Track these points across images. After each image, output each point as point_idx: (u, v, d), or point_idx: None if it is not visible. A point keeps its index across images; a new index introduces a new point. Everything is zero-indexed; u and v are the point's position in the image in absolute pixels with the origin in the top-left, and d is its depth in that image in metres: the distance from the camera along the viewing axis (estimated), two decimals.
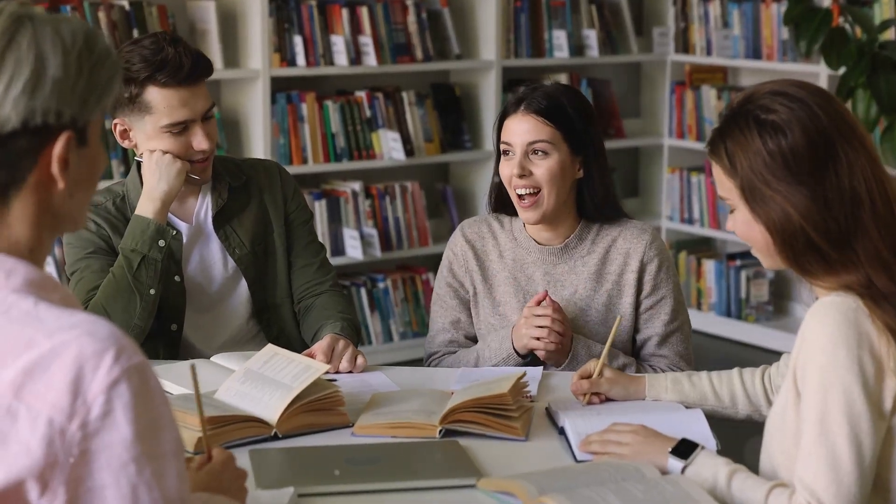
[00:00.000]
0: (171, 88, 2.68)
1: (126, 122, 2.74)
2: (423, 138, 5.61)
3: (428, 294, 5.67)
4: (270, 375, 2.33)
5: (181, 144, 2.72)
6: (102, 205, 2.82)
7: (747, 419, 2.40)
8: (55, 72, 1.36)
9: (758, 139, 1.92)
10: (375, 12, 5.44)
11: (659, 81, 6.38)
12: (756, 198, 1.93)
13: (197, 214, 2.85)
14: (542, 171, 2.66)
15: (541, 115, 2.66)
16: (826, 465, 1.85)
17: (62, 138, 1.38)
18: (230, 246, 2.84)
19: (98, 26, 4.71)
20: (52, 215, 1.41)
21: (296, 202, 2.94)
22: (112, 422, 1.28)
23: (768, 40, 5.91)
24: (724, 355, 5.68)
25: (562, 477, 1.98)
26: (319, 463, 2.12)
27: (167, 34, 2.75)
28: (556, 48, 5.93)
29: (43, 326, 1.31)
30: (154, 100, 2.69)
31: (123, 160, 4.82)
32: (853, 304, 1.88)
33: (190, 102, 2.70)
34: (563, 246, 2.75)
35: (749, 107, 1.96)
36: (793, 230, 1.91)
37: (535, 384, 2.51)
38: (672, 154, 6.33)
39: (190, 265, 2.83)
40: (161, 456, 1.31)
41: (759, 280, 6.03)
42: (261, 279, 2.88)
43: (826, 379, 1.86)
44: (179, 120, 2.70)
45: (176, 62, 2.67)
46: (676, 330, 2.73)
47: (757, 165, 1.92)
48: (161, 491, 1.30)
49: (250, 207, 2.88)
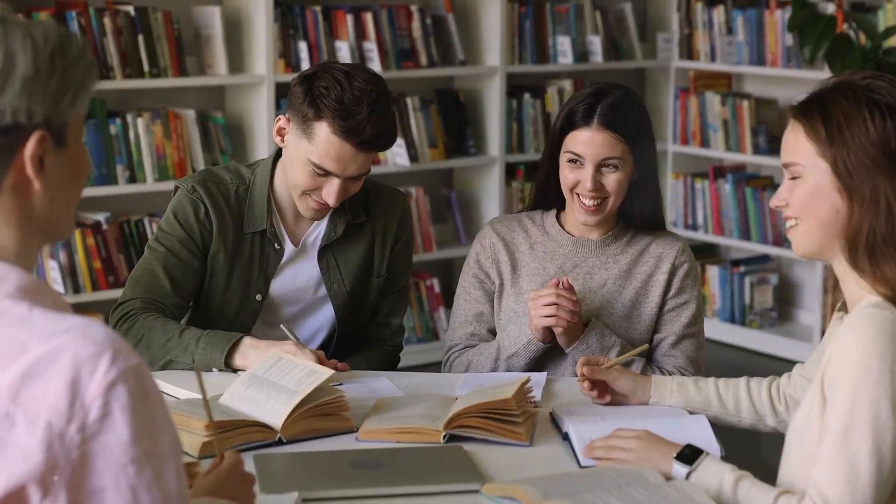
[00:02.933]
0: (340, 139, 2.60)
1: (290, 126, 2.67)
2: (428, 144, 5.62)
3: (432, 300, 5.68)
4: (275, 380, 2.33)
5: (314, 184, 2.65)
6: (226, 186, 2.75)
7: (751, 428, 2.40)
8: (25, 70, 1.35)
9: (867, 113, 1.90)
10: (380, 18, 5.45)
11: (663, 87, 6.38)
12: (852, 169, 1.90)
13: (306, 238, 2.80)
14: (612, 183, 2.70)
15: (613, 131, 2.68)
16: (844, 474, 1.84)
17: (34, 138, 1.37)
18: (329, 280, 2.80)
19: (103, 31, 4.72)
20: (34, 220, 1.40)
21: (403, 254, 2.88)
22: (110, 424, 1.28)
23: (772, 47, 5.91)
24: (728, 361, 5.68)
25: (566, 482, 1.98)
26: (324, 468, 2.12)
27: (377, 90, 2.62)
28: (560, 54, 5.94)
29: (38, 331, 1.31)
30: (319, 134, 2.61)
31: (128, 166, 4.82)
32: (891, 316, 1.87)
33: (346, 161, 2.62)
34: (599, 241, 2.79)
35: (855, 84, 1.94)
36: (877, 208, 1.89)
37: (539, 389, 2.52)
38: (676, 160, 6.33)
39: (277, 282, 2.79)
40: (159, 456, 1.31)
41: (763, 286, 6.03)
42: (350, 317, 2.85)
43: (856, 389, 1.85)
44: (326, 168, 2.62)
45: (361, 125, 2.58)
46: (692, 335, 2.75)
47: (860, 138, 1.90)
48: (161, 491, 1.30)
49: (360, 246, 2.82)
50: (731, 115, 6.06)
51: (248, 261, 2.76)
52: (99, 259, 4.77)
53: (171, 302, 2.72)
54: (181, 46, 4.93)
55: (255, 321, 2.80)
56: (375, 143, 2.63)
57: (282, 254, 2.77)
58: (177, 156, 4.92)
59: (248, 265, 2.76)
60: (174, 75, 4.90)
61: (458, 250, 5.74)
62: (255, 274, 2.76)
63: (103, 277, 4.77)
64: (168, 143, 4.90)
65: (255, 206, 2.75)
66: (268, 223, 2.74)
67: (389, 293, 2.91)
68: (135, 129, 4.83)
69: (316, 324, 2.86)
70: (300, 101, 2.62)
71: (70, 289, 4.70)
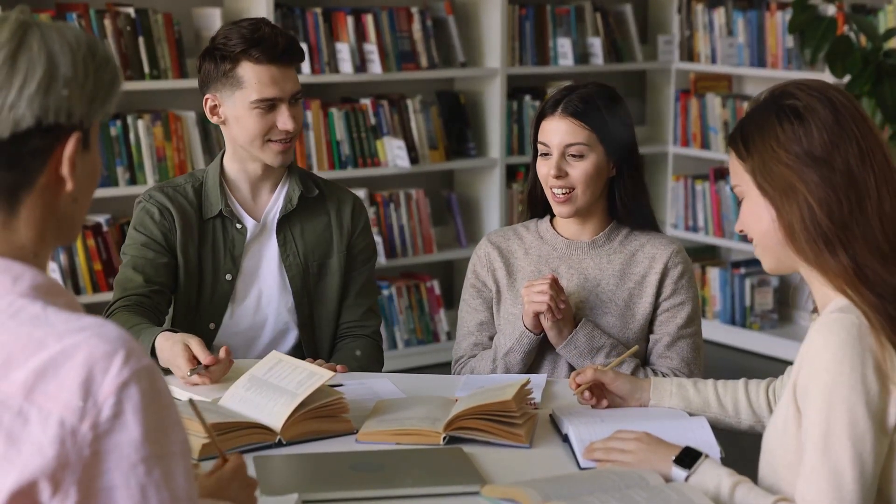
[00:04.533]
0: (264, 65, 2.75)
1: (217, 97, 2.83)
2: (428, 146, 5.62)
3: (433, 302, 5.68)
4: (275, 382, 2.33)
5: (266, 123, 2.79)
6: (182, 186, 2.89)
7: (749, 430, 2.40)
8: (66, 71, 1.38)
9: (775, 120, 1.95)
10: (380, 20, 5.45)
11: (663, 89, 6.39)
12: (765, 176, 1.95)
13: (266, 213, 2.90)
14: (577, 173, 2.71)
15: (577, 118, 2.70)
16: (828, 484, 1.85)
17: (73, 138, 1.40)
18: (285, 252, 2.89)
19: (104, 33, 4.72)
20: (56, 220, 1.42)
21: (364, 240, 2.98)
22: (122, 423, 1.29)
23: (773, 48, 5.91)
24: (729, 363, 5.68)
25: (565, 484, 1.98)
26: (323, 469, 2.12)
27: (266, 20, 2.84)
28: (560, 56, 5.94)
29: (53, 329, 1.32)
30: (246, 75, 2.76)
31: (129, 167, 4.82)
32: (856, 320, 1.88)
33: (280, 82, 2.77)
34: (591, 242, 2.79)
35: (774, 95, 2.00)
36: (798, 206, 1.92)
37: (539, 391, 2.52)
38: (677, 162, 6.34)
39: (245, 263, 2.88)
40: (169, 456, 1.32)
41: (763, 288, 6.03)
42: (308, 294, 2.92)
43: (830, 397, 1.86)
44: (268, 97, 2.76)
45: (271, 40, 2.75)
46: (688, 336, 2.75)
47: (769, 144, 1.94)
48: (169, 491, 1.31)
49: (316, 223, 2.93)
50: (731, 117, 6.06)
51: (213, 244, 2.87)
52: (99, 261, 4.78)
53: (148, 290, 2.81)
54: (182, 48, 4.93)
55: (227, 301, 2.87)
56: (292, 51, 2.79)
57: (245, 232, 2.88)
58: (177, 157, 4.92)
59: (214, 248, 2.87)
60: (175, 77, 4.91)
61: (459, 252, 5.75)
62: (223, 255, 2.87)
63: (104, 279, 4.78)
64: (168, 145, 4.91)
65: (209, 194, 2.88)
66: (223, 204, 2.86)
67: (355, 275, 2.96)
68: (135, 130, 4.84)
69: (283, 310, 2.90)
70: (213, 68, 2.81)
71: (70, 290, 4.70)
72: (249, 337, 2.90)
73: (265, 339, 2.91)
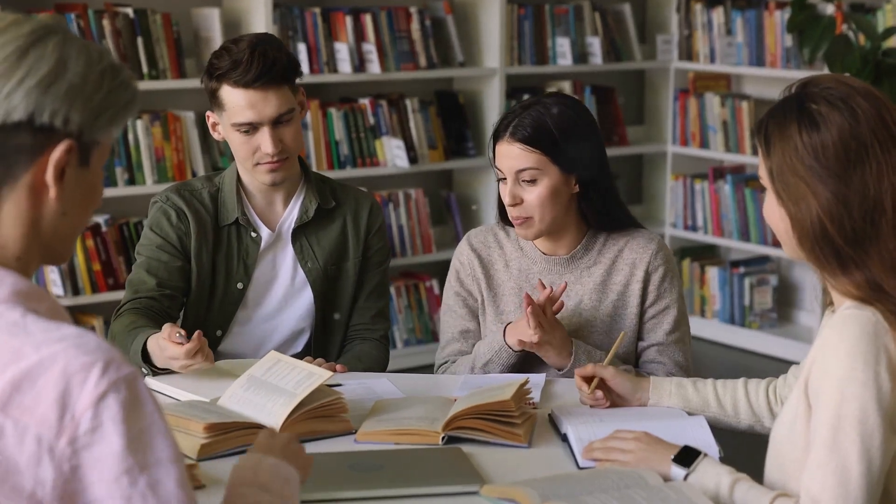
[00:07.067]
0: (240, 89, 2.74)
1: (214, 115, 2.84)
2: (427, 145, 5.62)
3: (432, 301, 5.67)
4: (273, 382, 2.33)
5: (250, 145, 2.78)
6: (199, 191, 2.89)
7: (748, 429, 2.40)
8: (73, 77, 1.38)
9: (795, 126, 1.93)
10: (379, 20, 5.45)
11: (662, 89, 6.38)
12: (781, 182, 1.94)
13: (281, 224, 2.90)
14: (532, 198, 2.65)
15: (526, 143, 2.64)
16: (835, 478, 1.84)
17: (63, 144, 1.38)
18: (303, 258, 2.90)
19: (102, 34, 4.72)
20: (41, 232, 1.40)
21: (378, 241, 2.97)
22: (101, 435, 1.27)
23: (772, 48, 5.91)
24: (728, 363, 5.68)
25: (565, 484, 1.98)
26: (322, 469, 2.11)
27: (267, 37, 2.81)
28: (559, 56, 5.94)
29: (30, 339, 1.30)
30: (226, 97, 2.77)
31: (128, 167, 4.82)
32: (873, 317, 1.88)
33: (258, 106, 2.74)
34: (568, 257, 2.75)
35: (801, 93, 1.97)
36: (810, 220, 1.91)
37: (538, 391, 2.51)
38: (676, 161, 6.33)
39: (258, 271, 2.88)
40: (155, 464, 1.30)
41: (762, 287, 6.03)
42: (327, 296, 2.92)
43: (842, 393, 1.86)
44: (244, 121, 2.76)
45: (245, 66, 2.72)
46: (677, 340, 2.73)
47: (788, 151, 1.93)
48: (157, 500, 1.29)
49: (332, 230, 2.92)
50: (730, 117, 6.06)
51: (227, 251, 2.88)
52: (98, 261, 4.77)
53: (159, 294, 2.82)
54: (180, 48, 4.93)
55: (236, 309, 2.88)
56: (269, 75, 2.73)
57: (259, 241, 2.88)
58: (176, 158, 4.92)
59: (228, 255, 2.88)
60: (173, 77, 4.91)
61: None
62: (236, 263, 2.87)
63: (103, 279, 4.77)
64: (167, 145, 4.91)
65: (226, 201, 2.88)
66: (239, 212, 2.86)
67: (368, 277, 2.96)
68: (134, 130, 4.83)
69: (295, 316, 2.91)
70: (206, 86, 2.80)
71: (69, 291, 4.70)
72: (258, 345, 2.90)
73: (273, 348, 2.88)
